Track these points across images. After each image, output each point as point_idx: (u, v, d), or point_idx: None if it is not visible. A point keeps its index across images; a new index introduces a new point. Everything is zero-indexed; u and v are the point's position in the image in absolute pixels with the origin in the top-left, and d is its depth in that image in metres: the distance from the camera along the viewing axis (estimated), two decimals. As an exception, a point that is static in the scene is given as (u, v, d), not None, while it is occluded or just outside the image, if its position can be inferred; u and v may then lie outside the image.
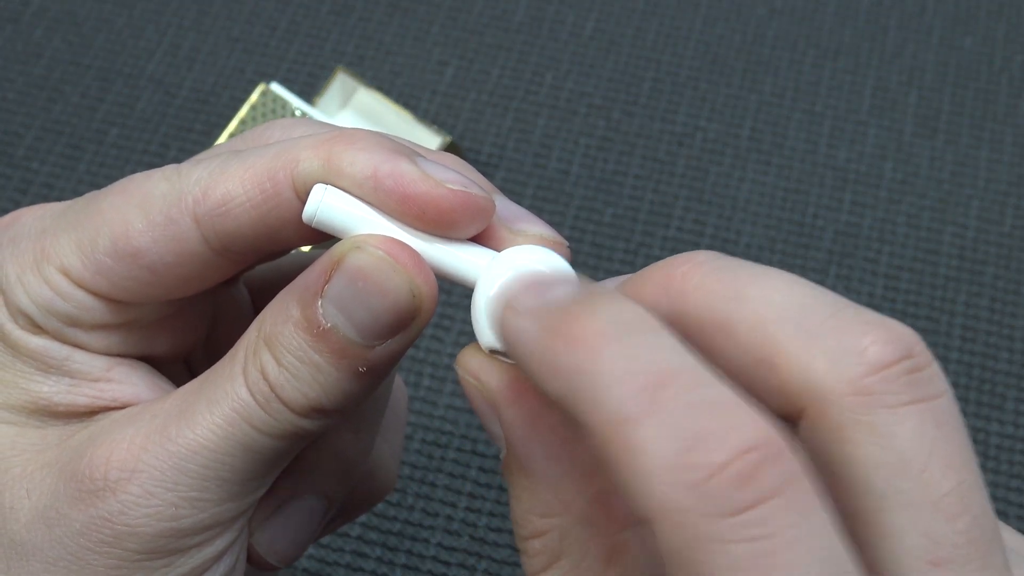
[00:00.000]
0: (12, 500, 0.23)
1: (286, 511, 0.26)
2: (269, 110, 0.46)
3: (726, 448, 0.16)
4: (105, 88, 0.52)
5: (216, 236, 0.22)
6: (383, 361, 0.22)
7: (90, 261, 0.23)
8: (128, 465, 0.22)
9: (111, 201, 0.23)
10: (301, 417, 0.22)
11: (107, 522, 0.22)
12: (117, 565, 0.22)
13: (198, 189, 0.22)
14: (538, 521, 0.21)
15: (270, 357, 0.22)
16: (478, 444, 0.43)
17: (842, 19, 0.55)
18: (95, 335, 0.24)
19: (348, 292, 0.21)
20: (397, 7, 0.55)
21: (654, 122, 0.52)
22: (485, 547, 0.41)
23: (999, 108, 0.52)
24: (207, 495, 0.22)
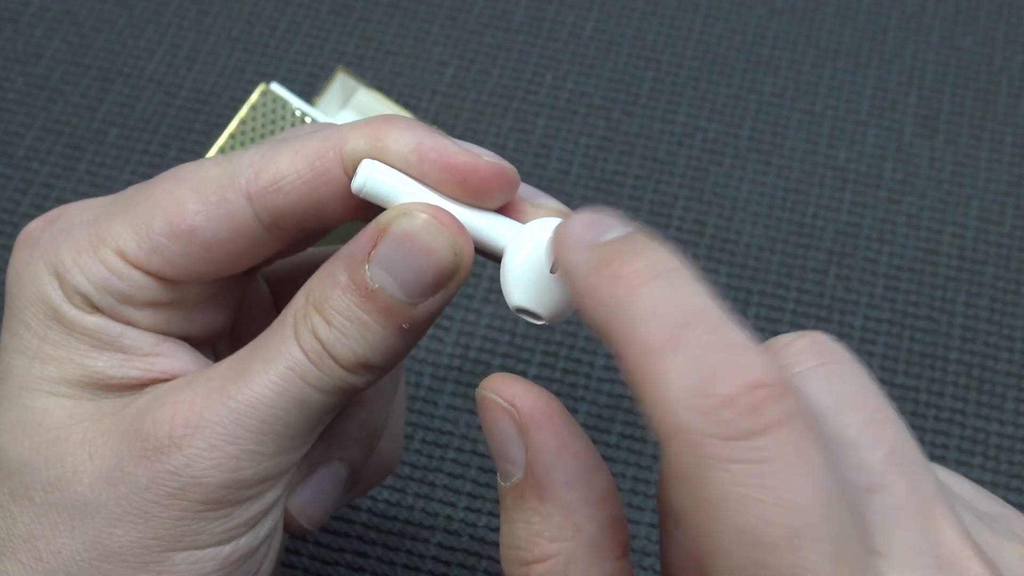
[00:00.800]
0: (74, 464, 0.24)
1: (317, 476, 0.28)
2: (269, 110, 0.46)
3: (737, 382, 0.18)
4: (105, 88, 0.53)
5: (268, 213, 0.24)
6: (424, 318, 0.24)
7: (145, 241, 0.25)
8: (192, 422, 0.24)
9: (164, 187, 0.25)
10: (349, 373, 0.24)
11: (173, 475, 0.24)
12: (181, 516, 0.24)
13: (251, 170, 0.24)
14: (547, 545, 0.22)
15: (320, 319, 0.24)
16: (478, 444, 0.43)
17: (842, 19, 0.55)
18: (145, 313, 0.25)
19: (396, 254, 0.23)
20: (397, 7, 0.55)
21: (654, 122, 0.52)
22: (485, 547, 0.41)
23: (999, 108, 0.52)
24: (263, 448, 0.24)
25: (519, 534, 0.22)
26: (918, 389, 0.45)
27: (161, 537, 0.24)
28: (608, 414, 0.44)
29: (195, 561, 0.24)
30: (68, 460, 0.24)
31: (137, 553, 0.24)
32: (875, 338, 0.46)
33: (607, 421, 0.44)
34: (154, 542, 0.24)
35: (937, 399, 0.45)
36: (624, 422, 0.44)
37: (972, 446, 0.44)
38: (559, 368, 0.45)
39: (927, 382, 0.45)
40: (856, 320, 0.47)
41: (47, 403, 0.25)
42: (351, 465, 0.29)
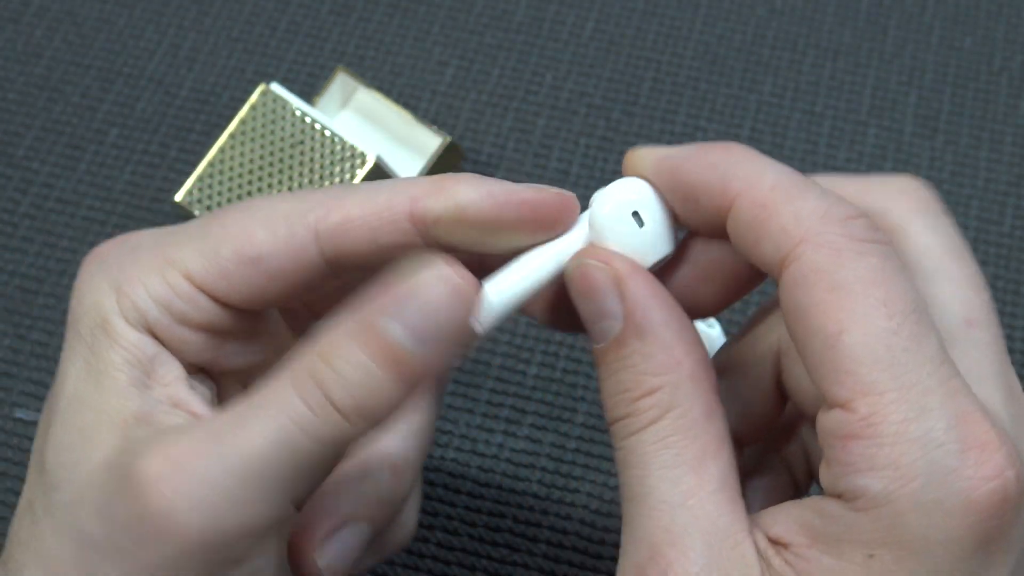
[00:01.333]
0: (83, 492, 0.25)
1: (343, 532, 0.29)
2: (269, 110, 0.46)
3: (856, 210, 0.24)
4: (105, 88, 0.53)
5: (333, 250, 0.26)
6: (426, 369, 0.24)
7: (213, 265, 0.26)
8: (179, 463, 0.24)
9: (234, 217, 0.27)
10: (345, 420, 0.24)
11: (154, 519, 0.24)
12: (161, 562, 0.24)
13: (322, 209, 0.26)
14: (652, 379, 0.25)
15: (323, 364, 0.24)
16: (477, 444, 0.43)
17: (842, 19, 0.55)
18: (197, 336, 0.27)
19: (406, 299, 0.24)
20: (397, 7, 0.55)
21: (654, 122, 0.52)
22: (485, 547, 0.41)
23: (999, 108, 0.52)
24: (252, 497, 0.24)
25: (626, 378, 0.25)
26: (918, 389, 0.45)
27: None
28: (608, 414, 0.44)
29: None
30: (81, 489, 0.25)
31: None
32: (875, 338, 0.46)
33: (607, 421, 0.44)
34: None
35: (937, 399, 0.45)
36: (624, 422, 0.44)
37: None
38: (559, 368, 0.45)
39: (927, 382, 0.45)
40: (856, 320, 0.47)
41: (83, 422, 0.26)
42: (374, 527, 0.29)
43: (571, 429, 0.43)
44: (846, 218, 0.23)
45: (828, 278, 0.23)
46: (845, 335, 0.23)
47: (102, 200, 0.49)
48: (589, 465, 0.43)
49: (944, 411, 0.22)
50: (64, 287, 0.47)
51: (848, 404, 0.22)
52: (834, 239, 0.23)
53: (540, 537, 0.41)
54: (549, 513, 0.42)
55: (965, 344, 0.26)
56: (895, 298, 0.23)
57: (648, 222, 0.27)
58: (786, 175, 0.25)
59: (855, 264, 0.23)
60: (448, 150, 0.47)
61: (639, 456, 0.25)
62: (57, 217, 0.49)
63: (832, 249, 0.23)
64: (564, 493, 0.42)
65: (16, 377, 0.45)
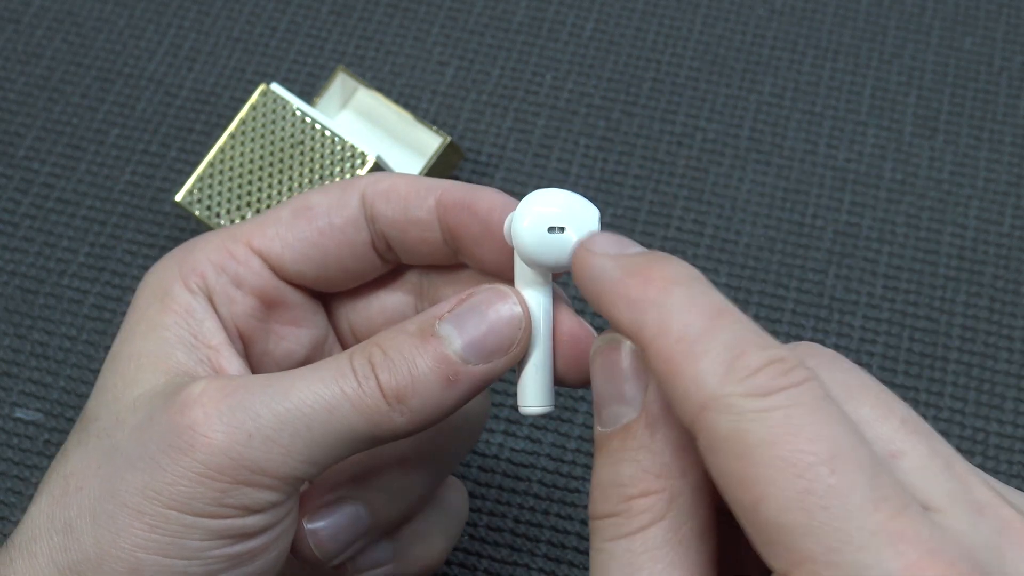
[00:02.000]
0: (124, 417, 0.27)
1: (336, 507, 0.30)
2: (269, 110, 0.46)
3: (764, 356, 0.21)
4: (105, 88, 0.53)
5: (372, 211, 0.29)
6: (469, 381, 0.27)
7: (271, 228, 0.30)
8: (225, 392, 0.26)
9: (292, 199, 0.30)
10: (385, 401, 0.26)
11: (188, 428, 0.26)
12: (183, 474, 0.26)
13: (371, 179, 0.30)
14: (654, 481, 0.24)
15: (378, 349, 0.27)
16: (478, 444, 0.43)
17: (842, 19, 0.55)
18: (248, 300, 0.30)
19: (468, 314, 0.27)
20: (397, 7, 0.55)
21: (654, 122, 0.52)
22: (485, 547, 0.41)
23: (998, 108, 0.52)
24: (280, 438, 0.26)
25: (625, 472, 0.24)
26: (918, 389, 0.45)
27: (160, 491, 0.26)
28: (608, 414, 0.44)
29: (187, 525, 0.26)
30: (120, 414, 0.27)
31: (137, 501, 0.26)
32: (874, 338, 0.46)
33: (607, 421, 0.44)
34: (153, 494, 0.26)
35: (937, 399, 0.45)
36: (624, 422, 0.44)
37: (972, 446, 0.44)
38: (559, 368, 0.45)
39: (927, 382, 0.45)
40: (856, 320, 0.47)
41: (126, 368, 0.28)
42: (374, 515, 0.31)
43: (571, 429, 0.43)
44: (749, 374, 0.21)
45: (733, 447, 0.21)
46: (761, 505, 0.20)
47: (102, 200, 0.49)
48: (589, 465, 0.43)
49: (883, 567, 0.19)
50: (64, 287, 0.47)
51: (789, 574, 0.20)
52: (734, 402, 0.21)
53: (540, 537, 0.41)
54: (549, 513, 0.42)
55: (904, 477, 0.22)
56: (806, 450, 0.20)
57: (569, 228, 0.27)
58: (694, 322, 0.22)
59: (758, 426, 0.21)
60: (448, 150, 0.47)
61: (625, 563, 0.23)
62: (57, 217, 0.49)
63: (732, 414, 0.21)
64: (564, 493, 0.42)
65: (16, 377, 0.45)
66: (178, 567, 0.26)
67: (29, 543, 0.26)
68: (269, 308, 0.30)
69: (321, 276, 0.30)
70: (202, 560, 0.26)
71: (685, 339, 0.22)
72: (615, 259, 0.24)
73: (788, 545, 0.20)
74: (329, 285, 0.31)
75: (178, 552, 0.26)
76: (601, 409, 0.25)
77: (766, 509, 0.20)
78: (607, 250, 0.24)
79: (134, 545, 0.26)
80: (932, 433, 0.23)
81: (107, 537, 0.26)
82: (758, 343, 0.22)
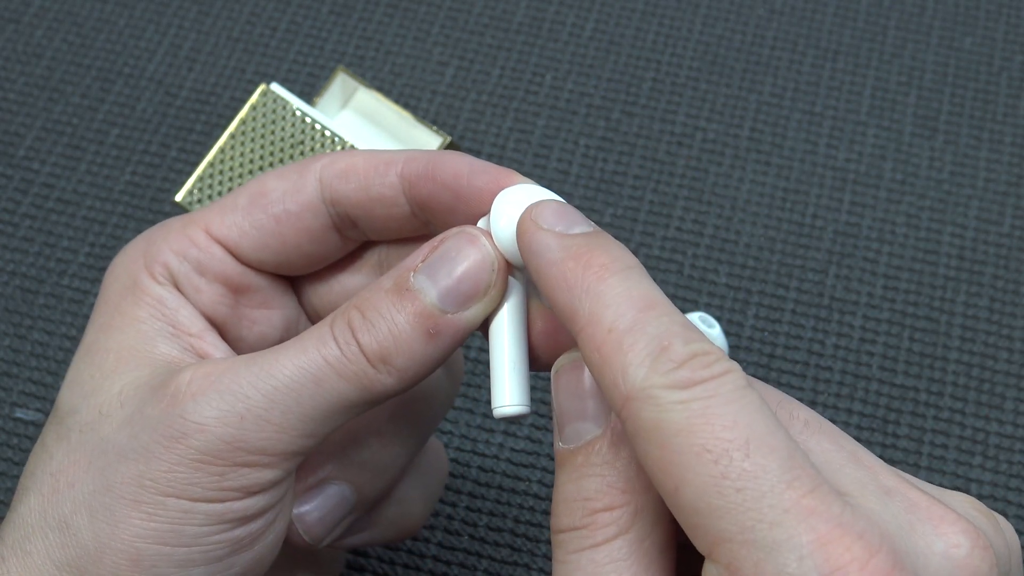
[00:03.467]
0: (108, 410, 0.27)
1: (322, 491, 0.30)
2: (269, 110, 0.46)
3: (688, 349, 0.22)
4: (106, 88, 0.53)
5: (331, 194, 0.28)
6: (451, 331, 0.26)
7: (229, 215, 0.29)
8: (212, 377, 0.26)
9: (256, 178, 0.30)
10: (370, 365, 0.26)
11: (180, 418, 0.26)
12: (178, 461, 0.25)
13: (327, 160, 0.29)
14: (619, 495, 0.24)
15: (357, 312, 0.26)
16: (478, 444, 0.43)
17: (842, 19, 0.55)
18: (214, 288, 0.29)
19: (439, 262, 0.26)
20: (397, 7, 0.55)
21: (654, 122, 0.52)
22: (485, 547, 0.41)
23: (998, 108, 0.52)
24: (271, 416, 0.26)
25: (589, 486, 0.24)
26: (918, 389, 0.45)
27: (156, 479, 0.25)
28: (608, 414, 0.44)
29: (186, 511, 0.26)
30: (104, 406, 0.27)
31: (133, 491, 0.25)
32: (875, 338, 0.46)
33: (607, 421, 0.44)
34: (150, 483, 0.25)
35: (937, 399, 0.45)
36: (624, 422, 0.44)
37: (972, 446, 0.44)
38: (559, 368, 0.45)
39: (927, 382, 0.45)
40: (855, 320, 0.47)
41: (104, 361, 0.28)
42: (359, 493, 0.30)
43: (571, 429, 0.43)
44: (673, 367, 0.22)
45: (655, 436, 0.22)
46: (680, 491, 0.21)
47: (102, 200, 0.49)
48: (589, 465, 0.43)
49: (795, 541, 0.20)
50: (64, 287, 0.47)
51: (711, 555, 0.21)
52: (656, 394, 0.22)
53: (540, 537, 0.41)
54: (549, 513, 0.42)
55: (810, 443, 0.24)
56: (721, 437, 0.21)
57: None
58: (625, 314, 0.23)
59: (677, 416, 0.21)
60: (448, 150, 0.47)
61: (589, 574, 0.23)
62: (57, 217, 0.49)
63: (655, 405, 0.22)
64: (564, 493, 0.42)
65: (16, 377, 0.45)
66: (179, 555, 0.26)
67: (23, 542, 0.26)
68: (236, 293, 0.30)
69: (282, 262, 0.30)
70: (203, 546, 0.26)
71: (615, 330, 0.22)
72: (559, 238, 0.24)
73: (707, 527, 0.21)
74: (291, 270, 0.30)
75: (178, 539, 0.26)
76: (563, 426, 0.25)
77: (686, 494, 0.21)
78: (552, 225, 0.25)
79: (133, 536, 0.25)
80: (836, 431, 0.24)
81: (105, 530, 0.26)
82: (684, 336, 0.22)
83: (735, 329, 0.46)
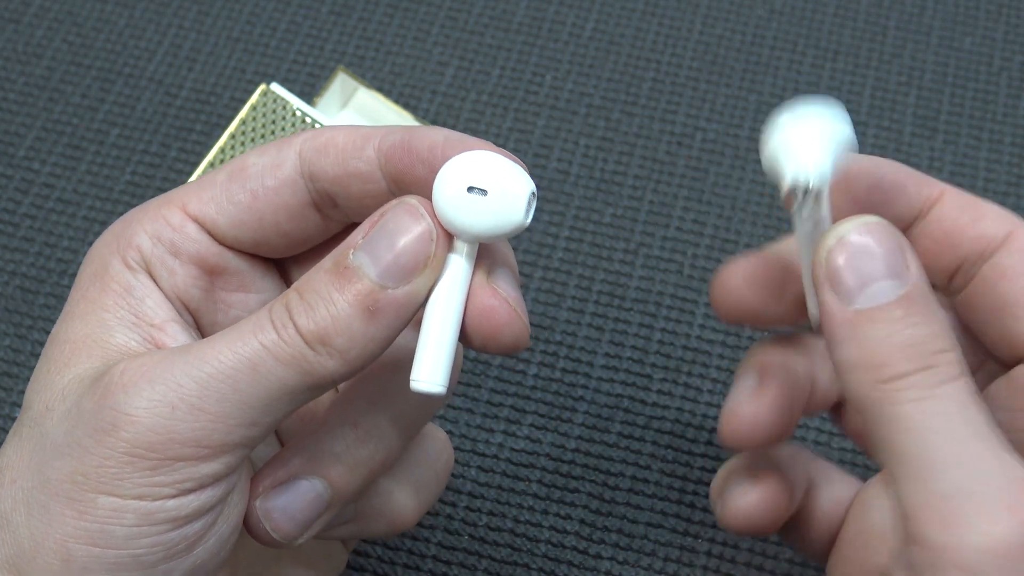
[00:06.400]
0: (52, 404, 0.26)
1: (292, 486, 0.28)
2: (269, 110, 0.46)
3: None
4: (106, 89, 0.53)
5: (309, 168, 0.28)
6: (392, 307, 0.25)
7: (206, 193, 0.28)
8: (145, 368, 0.25)
9: (231, 161, 0.29)
10: (308, 346, 0.25)
11: (111, 410, 0.25)
12: (108, 455, 0.25)
13: (308, 135, 0.28)
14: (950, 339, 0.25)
15: (296, 295, 0.26)
16: (477, 444, 0.43)
17: (842, 20, 0.55)
18: (188, 269, 0.28)
19: (378, 234, 0.26)
20: (397, 7, 0.55)
21: (654, 122, 0.52)
22: (485, 547, 0.41)
23: (998, 108, 0.52)
24: (206, 405, 0.25)
25: (919, 333, 0.25)
26: (917, 389, 0.45)
27: (88, 475, 0.25)
28: (608, 414, 0.44)
29: (116, 509, 0.25)
30: (51, 401, 0.26)
31: (67, 488, 0.25)
32: (874, 338, 0.46)
33: (606, 421, 0.44)
34: (82, 479, 0.25)
35: (936, 399, 0.45)
36: (623, 422, 0.44)
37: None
38: (559, 368, 0.45)
39: (926, 382, 0.45)
40: (855, 320, 0.47)
41: (60, 353, 0.27)
42: (333, 488, 0.29)
43: (571, 429, 0.43)
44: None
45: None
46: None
47: (102, 200, 0.49)
48: (589, 465, 0.43)
49: None
50: (64, 287, 0.47)
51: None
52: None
53: (540, 537, 0.41)
54: (549, 513, 0.42)
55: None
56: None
57: (491, 191, 0.25)
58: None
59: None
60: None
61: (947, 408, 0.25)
62: (58, 217, 0.49)
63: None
64: (564, 493, 0.42)
65: (16, 377, 0.45)
66: (109, 557, 0.25)
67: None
68: (212, 276, 0.29)
69: (260, 241, 0.29)
70: (134, 550, 0.25)
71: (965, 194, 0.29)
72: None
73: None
74: (270, 250, 0.29)
75: (108, 541, 0.25)
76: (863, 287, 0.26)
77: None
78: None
79: (65, 535, 0.25)
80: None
81: (40, 528, 0.25)
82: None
83: (735, 329, 0.46)
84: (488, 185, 0.25)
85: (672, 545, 0.41)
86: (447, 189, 0.25)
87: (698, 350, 0.45)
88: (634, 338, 0.46)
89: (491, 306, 0.27)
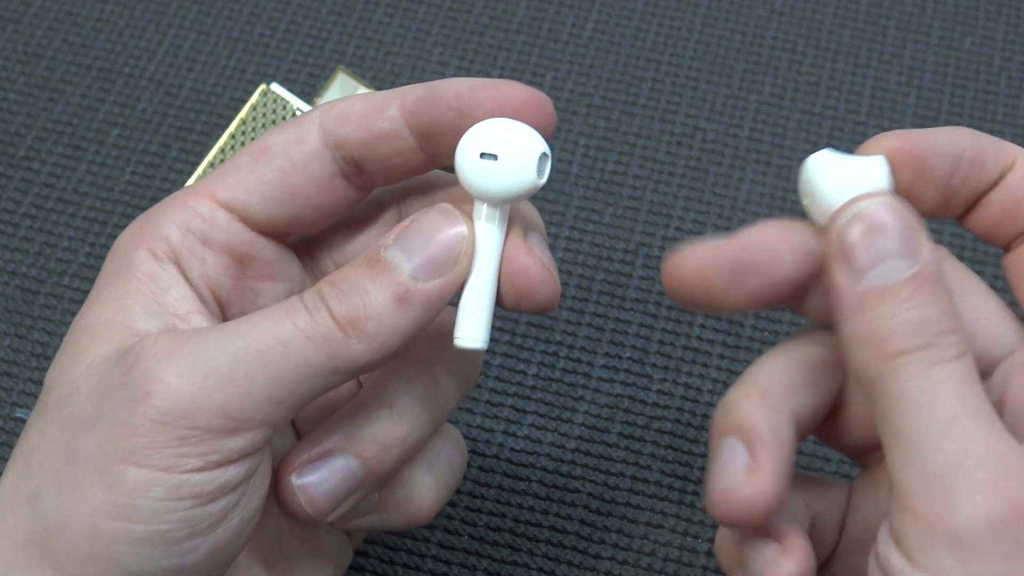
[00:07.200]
0: (77, 383, 0.26)
1: (328, 462, 0.29)
2: (270, 110, 0.46)
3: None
4: (106, 89, 0.53)
5: (334, 137, 0.28)
6: (421, 299, 0.27)
7: (232, 177, 0.28)
8: (173, 343, 0.26)
9: (247, 146, 0.29)
10: (340, 329, 0.26)
11: (142, 379, 0.25)
12: (139, 425, 0.25)
13: (324, 107, 0.29)
14: (955, 321, 0.26)
15: (328, 284, 0.27)
16: (478, 444, 0.43)
17: (841, 20, 0.55)
18: (219, 259, 0.29)
19: (411, 231, 0.27)
20: (397, 7, 0.55)
21: (654, 122, 0.52)
22: (485, 547, 0.41)
23: (998, 108, 0.52)
24: (236, 377, 0.25)
25: (926, 312, 0.25)
26: (917, 389, 0.45)
27: (117, 444, 0.25)
28: (608, 414, 0.44)
29: (144, 481, 0.25)
30: (76, 381, 0.26)
31: (96, 460, 0.25)
32: (874, 338, 0.46)
33: (606, 421, 0.44)
34: (111, 448, 0.25)
35: (936, 399, 0.45)
36: (623, 421, 0.44)
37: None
38: (559, 368, 0.45)
39: (926, 382, 0.45)
40: (855, 320, 0.47)
41: (81, 337, 0.27)
42: (367, 468, 0.29)
43: (571, 429, 0.43)
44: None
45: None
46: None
47: (103, 200, 0.49)
48: (589, 465, 0.43)
49: None
50: (64, 287, 0.47)
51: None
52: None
53: (540, 537, 0.41)
54: (549, 513, 0.42)
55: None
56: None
57: (502, 154, 0.27)
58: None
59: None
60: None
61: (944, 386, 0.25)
62: (58, 217, 0.49)
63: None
64: (564, 493, 0.42)
65: (16, 377, 0.45)
66: (135, 533, 0.25)
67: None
68: (242, 264, 0.29)
69: (294, 218, 0.29)
70: (159, 525, 0.25)
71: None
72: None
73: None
74: (304, 226, 0.30)
75: (135, 515, 0.25)
76: (874, 265, 0.26)
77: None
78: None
79: (92, 510, 0.25)
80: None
81: (68, 503, 0.25)
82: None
83: (735, 329, 0.46)
84: (499, 149, 0.27)
85: (672, 545, 0.41)
86: (466, 155, 0.27)
87: (698, 350, 0.45)
88: (634, 338, 0.46)
89: (526, 265, 0.28)
